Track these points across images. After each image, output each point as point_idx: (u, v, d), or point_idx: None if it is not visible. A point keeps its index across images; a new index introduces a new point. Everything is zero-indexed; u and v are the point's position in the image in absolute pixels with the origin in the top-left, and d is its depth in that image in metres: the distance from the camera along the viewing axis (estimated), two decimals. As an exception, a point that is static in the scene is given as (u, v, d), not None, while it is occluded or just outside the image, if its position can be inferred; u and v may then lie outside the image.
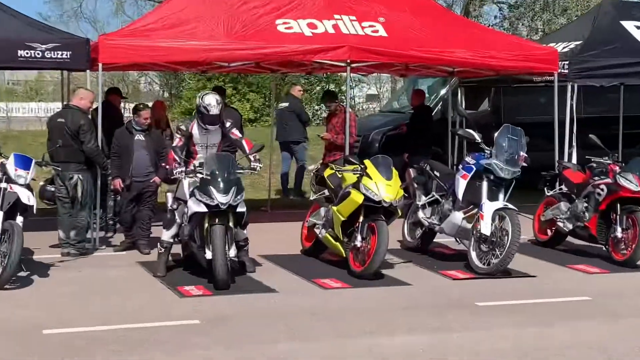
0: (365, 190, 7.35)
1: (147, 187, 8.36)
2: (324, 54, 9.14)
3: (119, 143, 8.34)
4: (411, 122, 11.39)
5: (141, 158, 8.30)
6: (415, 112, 11.37)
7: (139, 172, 8.29)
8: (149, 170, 8.33)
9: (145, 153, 8.31)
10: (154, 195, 8.48)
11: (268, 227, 9.83)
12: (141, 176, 8.32)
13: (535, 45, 10.52)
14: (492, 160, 7.72)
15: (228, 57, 8.93)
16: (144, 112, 8.36)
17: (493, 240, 7.51)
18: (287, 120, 12.47)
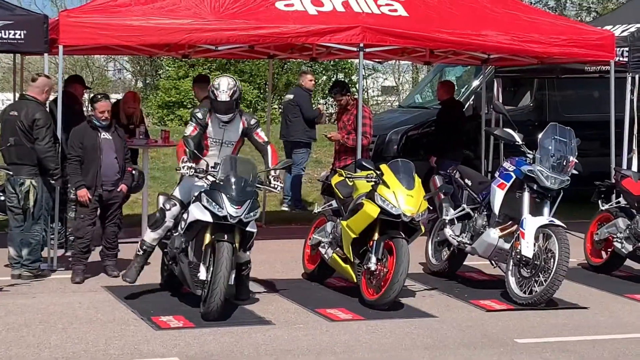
0: (382, 201, 7.33)
1: (114, 198, 8.29)
2: (332, 36, 9.13)
3: (81, 143, 8.12)
4: (438, 119, 11.39)
5: (110, 162, 8.20)
6: (444, 107, 11.37)
7: (107, 179, 8.20)
8: (119, 177, 8.27)
9: (113, 155, 8.21)
10: (120, 208, 8.44)
11: (263, 245, 9.77)
12: (109, 184, 8.24)
13: (587, 28, 10.50)
14: (536, 167, 7.70)
15: (215, 38, 8.92)
16: (99, 104, 8.14)
17: (536, 264, 7.48)
18: (291, 116, 12.51)
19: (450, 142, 10.96)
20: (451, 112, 11.23)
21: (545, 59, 10.52)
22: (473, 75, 13.38)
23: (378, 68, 26.39)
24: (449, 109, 11.26)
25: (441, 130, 11.13)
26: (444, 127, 11.11)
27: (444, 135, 11.02)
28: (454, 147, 10.98)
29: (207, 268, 6.84)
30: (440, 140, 11.04)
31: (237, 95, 7.33)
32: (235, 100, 7.33)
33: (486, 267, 8.66)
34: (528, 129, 9.89)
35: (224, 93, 7.28)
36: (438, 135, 11.18)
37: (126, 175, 8.29)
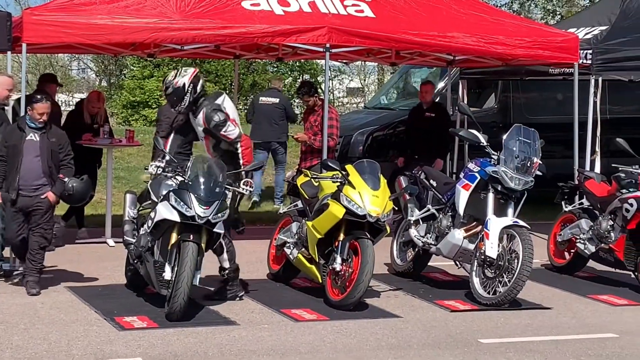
0: (347, 201, 7.34)
1: (36, 205, 7.49)
2: (298, 37, 9.14)
3: (6, 143, 7.55)
4: (431, 122, 10.94)
5: (30, 165, 7.47)
6: (434, 109, 11.14)
7: (26, 183, 7.46)
8: (42, 182, 7.52)
9: (36, 159, 7.48)
10: (47, 216, 7.54)
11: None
12: (29, 189, 7.48)
13: (551, 31, 10.59)
14: (500, 168, 7.76)
15: (181, 38, 8.88)
16: (40, 106, 7.47)
17: (500, 265, 7.53)
18: (278, 119, 12.73)
19: (442, 145, 10.83)
20: (443, 115, 11.06)
21: (510, 61, 10.60)
22: (438, 77, 13.44)
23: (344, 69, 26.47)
24: (440, 111, 11.09)
25: (434, 134, 10.71)
26: (436, 130, 10.67)
27: (437, 139, 10.69)
28: (444, 151, 10.94)
29: (173, 268, 6.83)
30: (432, 144, 10.68)
31: (187, 88, 7.70)
32: (184, 91, 7.70)
33: (451, 267, 8.71)
34: (493, 131, 9.96)
35: (170, 84, 7.74)
36: (429, 138, 10.69)
37: (57, 183, 7.51)
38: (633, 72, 10.37)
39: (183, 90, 7.84)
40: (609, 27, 10.57)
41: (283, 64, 22.95)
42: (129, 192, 7.86)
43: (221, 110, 7.87)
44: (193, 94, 7.84)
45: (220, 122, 7.78)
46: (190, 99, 7.86)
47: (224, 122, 7.80)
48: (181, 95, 7.84)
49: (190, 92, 7.83)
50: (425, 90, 11.10)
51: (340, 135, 11.50)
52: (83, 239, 10.01)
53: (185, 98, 7.84)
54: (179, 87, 7.84)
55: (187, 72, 7.95)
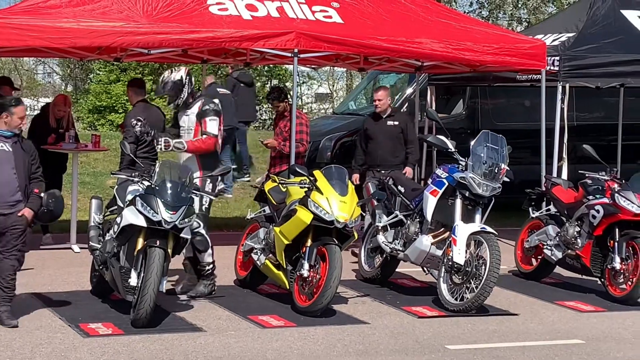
0: (315, 207, 7.35)
1: (14, 224, 6.67)
2: (266, 42, 9.14)
3: None
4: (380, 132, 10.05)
5: (5, 179, 6.65)
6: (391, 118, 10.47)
7: (1, 200, 6.64)
8: (17, 198, 6.71)
9: (11, 171, 6.68)
10: (24, 237, 6.75)
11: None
12: (5, 206, 6.65)
13: (519, 37, 10.68)
14: (468, 174, 7.80)
15: (148, 42, 8.85)
16: (19, 109, 6.68)
17: (467, 271, 7.57)
18: (247, 98, 12.98)
19: (410, 154, 9.87)
20: (406, 121, 10.13)
21: (478, 67, 10.67)
22: (407, 83, 13.49)
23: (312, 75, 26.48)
24: (401, 117, 10.15)
25: (398, 143, 9.82)
26: (400, 138, 9.84)
27: (401, 147, 9.84)
28: (412, 159, 9.96)
29: (139, 274, 6.80)
30: (398, 153, 9.78)
31: (170, 86, 7.85)
32: (171, 89, 7.84)
33: (418, 273, 8.75)
34: (461, 137, 10.05)
35: (168, 81, 7.89)
36: (394, 149, 9.75)
37: (32, 198, 6.72)
38: (600, 78, 10.47)
39: (181, 83, 7.92)
40: (577, 34, 10.68)
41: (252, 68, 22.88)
42: (94, 197, 7.81)
43: (218, 106, 8.01)
44: (190, 86, 7.95)
45: (212, 110, 7.86)
46: (189, 91, 7.95)
47: (216, 113, 7.84)
48: (180, 87, 7.93)
49: (187, 84, 7.93)
50: (378, 97, 9.83)
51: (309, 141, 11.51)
52: (48, 245, 9.92)
53: (184, 89, 7.92)
54: (177, 81, 7.92)
55: (180, 68, 8.09)
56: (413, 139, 9.97)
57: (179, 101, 7.96)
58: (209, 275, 7.71)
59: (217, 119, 7.89)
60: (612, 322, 7.62)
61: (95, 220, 7.59)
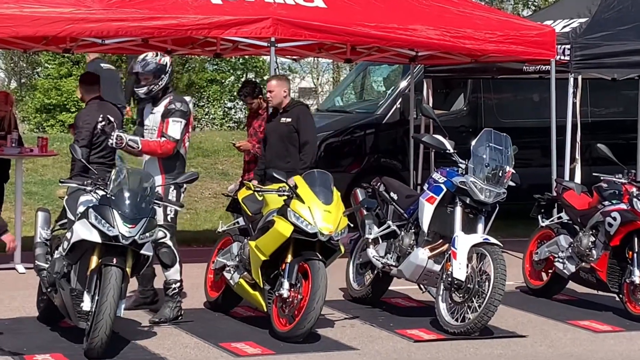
0: (295, 218, 7.35)
1: None
2: (239, 29, 9.14)
3: None
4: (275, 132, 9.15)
5: None
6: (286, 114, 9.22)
7: None
8: None
9: None
10: None
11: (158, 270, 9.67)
12: None
13: (525, 23, 10.73)
14: (468, 178, 7.82)
15: (102, 30, 8.81)
16: None
17: (469, 288, 7.58)
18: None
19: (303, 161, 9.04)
20: (301, 119, 9.21)
21: (479, 57, 10.70)
22: (400, 76, 13.54)
23: (294, 67, 26.52)
24: (296, 114, 9.19)
25: (289, 145, 9.11)
26: (292, 140, 9.12)
27: (294, 152, 9.13)
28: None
29: (92, 297, 6.76)
30: (290, 159, 9.05)
31: (150, 68, 7.77)
32: (151, 72, 7.78)
33: (414, 292, 8.74)
34: (461, 136, 10.08)
35: (142, 62, 7.80)
36: (283, 152, 9.06)
37: None
38: (616, 69, 10.51)
39: (164, 70, 7.91)
40: (589, 20, 10.71)
41: (224, 61, 22.93)
42: (41, 209, 7.76)
43: (188, 105, 7.98)
44: (169, 78, 7.94)
45: (177, 110, 7.82)
46: (167, 81, 7.93)
47: (182, 114, 7.80)
48: (161, 74, 7.89)
49: (168, 75, 7.89)
50: (269, 89, 9.17)
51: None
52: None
53: (164, 78, 7.90)
54: (162, 65, 7.90)
55: (165, 55, 8.10)
56: (307, 139, 9.07)
57: (153, 88, 7.91)
58: (175, 296, 7.69)
59: (182, 121, 7.87)
60: (631, 343, 7.63)
61: (42, 236, 7.55)
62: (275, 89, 9.12)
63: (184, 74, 22.67)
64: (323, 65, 27.98)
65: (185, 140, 8.04)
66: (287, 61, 23.04)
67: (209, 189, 14.24)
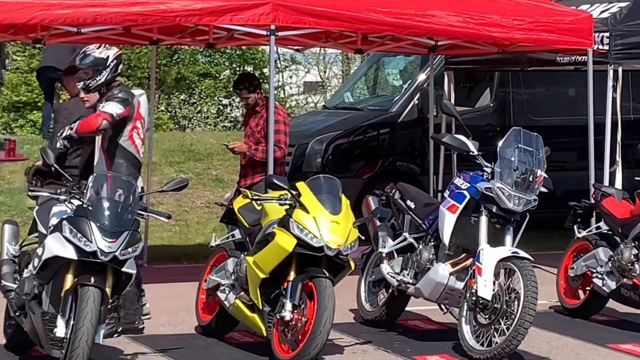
0: (299, 230, 7.37)
1: None
2: (234, 16, 9.17)
3: None
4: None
5: None
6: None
7: None
8: None
9: None
10: None
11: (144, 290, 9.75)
12: None
13: (558, 9, 10.74)
14: (495, 183, 7.84)
15: (77, 17, 8.84)
16: None
17: (496, 308, 7.60)
18: None
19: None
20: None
21: (507, 47, 10.72)
22: (418, 68, 13.57)
23: (298, 59, 26.54)
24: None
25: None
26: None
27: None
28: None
29: (67, 321, 6.73)
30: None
31: (88, 61, 7.80)
32: (89, 65, 7.79)
33: (434, 313, 8.76)
34: (487, 136, 10.11)
35: (89, 54, 7.83)
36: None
37: None
38: (662, 60, 10.54)
39: (104, 63, 7.92)
40: (631, 4, 10.73)
41: (218, 52, 22.96)
42: (8, 222, 7.78)
43: (132, 96, 7.96)
44: (113, 72, 7.95)
45: (116, 97, 7.81)
46: (108, 77, 7.94)
47: (121, 101, 7.82)
48: (100, 68, 7.91)
49: (111, 69, 7.92)
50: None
51: (292, 144, 11.59)
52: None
53: (104, 73, 7.91)
54: (100, 59, 7.92)
55: (112, 47, 8.12)
56: None
57: (91, 83, 7.92)
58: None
59: (120, 106, 7.80)
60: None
61: (10, 252, 7.56)
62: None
63: (172, 67, 22.69)
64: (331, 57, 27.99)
65: (134, 137, 8.03)
66: (290, 52, 23.13)
67: (200, 198, 14.27)
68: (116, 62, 7.98)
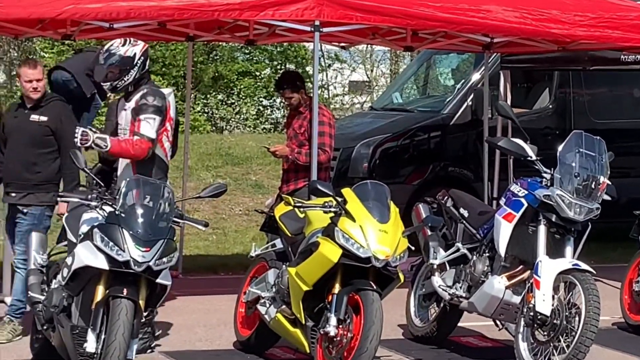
0: (345, 239, 7.38)
1: None
2: (276, 10, 9.18)
3: None
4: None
5: None
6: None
7: None
8: None
9: None
10: None
11: (179, 303, 9.81)
12: None
13: (623, 3, 10.69)
14: (554, 191, 7.82)
15: (110, 12, 8.86)
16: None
17: (555, 324, 7.58)
18: None
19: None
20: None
21: (567, 45, 10.69)
22: (472, 67, 13.56)
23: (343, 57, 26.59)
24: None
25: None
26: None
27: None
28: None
29: (98, 335, 6.77)
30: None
31: (114, 60, 7.88)
32: (115, 65, 7.89)
33: (489, 329, 8.76)
34: (546, 139, 10.07)
35: (111, 52, 7.93)
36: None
37: None
38: None
39: (132, 62, 8.01)
40: None
41: (258, 49, 23.05)
42: (35, 230, 7.84)
43: (164, 99, 8.03)
44: (141, 70, 8.01)
45: (151, 106, 7.90)
46: (137, 75, 8.01)
47: (156, 110, 7.89)
48: (128, 67, 7.99)
49: (139, 67, 7.98)
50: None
51: (337, 148, 11.61)
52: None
53: (132, 72, 8.01)
54: (128, 57, 8.00)
55: (137, 42, 8.16)
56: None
57: (118, 84, 8.01)
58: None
59: (156, 118, 7.92)
60: None
61: (37, 261, 7.61)
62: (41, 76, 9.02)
63: (209, 65, 22.79)
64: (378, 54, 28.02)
65: (163, 140, 8.08)
66: (334, 49, 23.17)
67: (239, 205, 14.33)
68: (143, 58, 8.05)
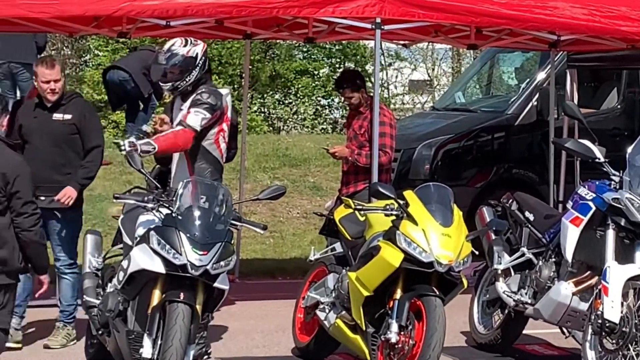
0: (406, 243, 7.41)
1: None
2: (336, 7, 9.21)
3: None
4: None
5: None
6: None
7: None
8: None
9: None
10: None
11: (236, 308, 9.86)
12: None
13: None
14: (624, 194, 7.79)
15: (166, 9, 8.91)
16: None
17: (624, 332, 7.54)
18: None
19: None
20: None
21: (637, 43, 10.61)
22: (537, 66, 13.50)
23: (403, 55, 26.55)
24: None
25: None
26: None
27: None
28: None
29: (154, 341, 6.82)
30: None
31: (176, 61, 7.96)
32: (177, 65, 7.95)
33: (555, 336, 8.73)
34: (615, 141, 10.01)
35: (171, 52, 7.99)
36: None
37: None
38: None
39: (194, 62, 8.09)
40: None
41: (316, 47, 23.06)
42: (90, 232, 7.92)
43: (220, 99, 8.10)
44: (202, 71, 8.11)
45: (204, 102, 7.96)
46: (198, 76, 8.10)
47: (209, 108, 7.96)
48: (190, 67, 8.07)
49: (200, 67, 8.06)
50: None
51: (398, 149, 11.62)
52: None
53: (194, 73, 8.09)
54: (190, 57, 8.08)
55: (198, 42, 8.25)
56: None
57: (179, 84, 8.08)
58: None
59: (206, 114, 7.94)
60: None
61: (92, 264, 7.68)
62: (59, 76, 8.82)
63: (266, 63, 22.83)
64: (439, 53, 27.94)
65: (220, 140, 8.13)
66: (394, 47, 23.16)
67: (297, 207, 14.36)
68: (204, 59, 8.12)
